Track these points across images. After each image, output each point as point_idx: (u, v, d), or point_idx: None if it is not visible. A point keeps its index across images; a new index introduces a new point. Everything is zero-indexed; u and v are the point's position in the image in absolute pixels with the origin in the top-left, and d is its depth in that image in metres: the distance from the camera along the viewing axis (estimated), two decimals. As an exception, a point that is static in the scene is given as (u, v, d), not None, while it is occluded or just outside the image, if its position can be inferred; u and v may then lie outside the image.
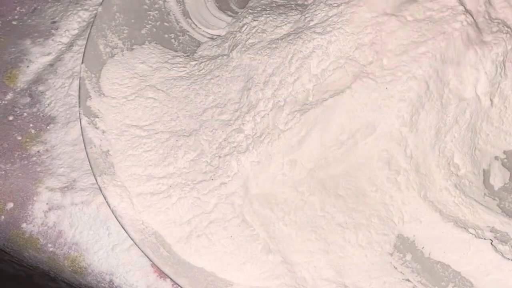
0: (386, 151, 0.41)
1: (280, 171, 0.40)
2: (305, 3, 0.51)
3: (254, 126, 0.42)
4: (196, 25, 0.52)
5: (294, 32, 0.45)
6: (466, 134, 0.42)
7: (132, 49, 0.48)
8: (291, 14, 0.48)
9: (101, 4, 0.48)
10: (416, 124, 0.40)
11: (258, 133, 0.41)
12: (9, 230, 0.45)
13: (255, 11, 0.49)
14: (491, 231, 0.39)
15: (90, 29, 0.46)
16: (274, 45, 0.44)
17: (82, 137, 0.42)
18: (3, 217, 0.45)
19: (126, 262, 0.43)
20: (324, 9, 0.44)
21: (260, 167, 0.40)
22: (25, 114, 0.49)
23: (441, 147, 0.41)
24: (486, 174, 0.43)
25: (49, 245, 0.44)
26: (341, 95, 0.40)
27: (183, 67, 0.48)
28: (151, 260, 0.38)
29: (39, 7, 0.56)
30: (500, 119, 0.44)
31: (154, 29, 0.50)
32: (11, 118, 0.49)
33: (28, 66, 0.52)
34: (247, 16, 0.49)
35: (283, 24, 0.47)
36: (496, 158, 0.44)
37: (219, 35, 0.51)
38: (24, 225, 0.45)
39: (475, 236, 0.38)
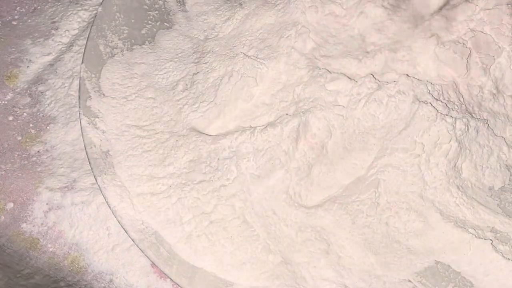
0: None
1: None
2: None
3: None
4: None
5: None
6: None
7: (132, 49, 0.48)
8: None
9: (101, 4, 0.48)
10: None
11: (259, 147, 0.41)
12: (9, 230, 0.45)
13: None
14: (491, 231, 0.39)
15: (90, 29, 0.46)
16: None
17: (82, 137, 0.42)
18: (3, 217, 0.45)
19: (126, 262, 0.43)
20: None
21: (260, 181, 0.40)
22: (25, 114, 0.49)
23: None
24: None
25: (49, 245, 0.44)
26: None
27: (183, 67, 0.48)
28: (151, 260, 0.38)
29: (39, 7, 0.56)
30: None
31: (154, 29, 0.50)
32: (11, 118, 0.49)
33: (28, 66, 0.52)
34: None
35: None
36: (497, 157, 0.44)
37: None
38: (24, 225, 0.45)
39: (475, 236, 0.38)
